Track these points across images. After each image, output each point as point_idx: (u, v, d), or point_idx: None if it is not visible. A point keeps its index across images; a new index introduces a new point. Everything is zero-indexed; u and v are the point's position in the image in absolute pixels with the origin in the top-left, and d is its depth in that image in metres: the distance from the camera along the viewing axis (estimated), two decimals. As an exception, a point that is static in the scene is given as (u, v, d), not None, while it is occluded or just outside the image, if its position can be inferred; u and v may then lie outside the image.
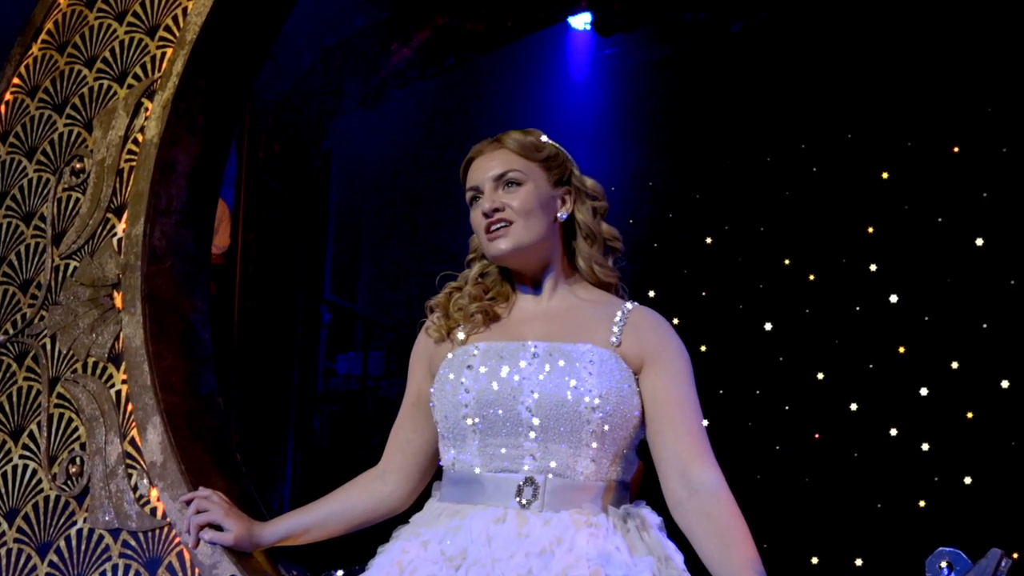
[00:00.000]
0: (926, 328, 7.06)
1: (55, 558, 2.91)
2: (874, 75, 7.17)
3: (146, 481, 2.85)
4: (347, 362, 8.34)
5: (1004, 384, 6.72)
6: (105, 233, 3.20)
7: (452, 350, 2.47)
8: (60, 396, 3.09)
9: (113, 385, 3.01)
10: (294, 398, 7.22)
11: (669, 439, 2.36)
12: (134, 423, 2.92)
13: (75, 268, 3.22)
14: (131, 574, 2.81)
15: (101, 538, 2.86)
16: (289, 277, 7.23)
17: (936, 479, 6.88)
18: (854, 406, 7.23)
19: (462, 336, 2.49)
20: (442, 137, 7.74)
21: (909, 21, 7.00)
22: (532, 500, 2.29)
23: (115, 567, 2.83)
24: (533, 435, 2.31)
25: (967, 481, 6.77)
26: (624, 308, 2.47)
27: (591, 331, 2.42)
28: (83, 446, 2.99)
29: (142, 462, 2.88)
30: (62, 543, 2.92)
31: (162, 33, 3.36)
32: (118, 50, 3.43)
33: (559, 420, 2.29)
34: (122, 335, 3.04)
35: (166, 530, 2.78)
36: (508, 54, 7.62)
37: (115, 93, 3.38)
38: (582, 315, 2.46)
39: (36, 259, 3.31)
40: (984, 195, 6.94)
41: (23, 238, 3.37)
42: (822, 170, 7.50)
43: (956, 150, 7.08)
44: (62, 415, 3.07)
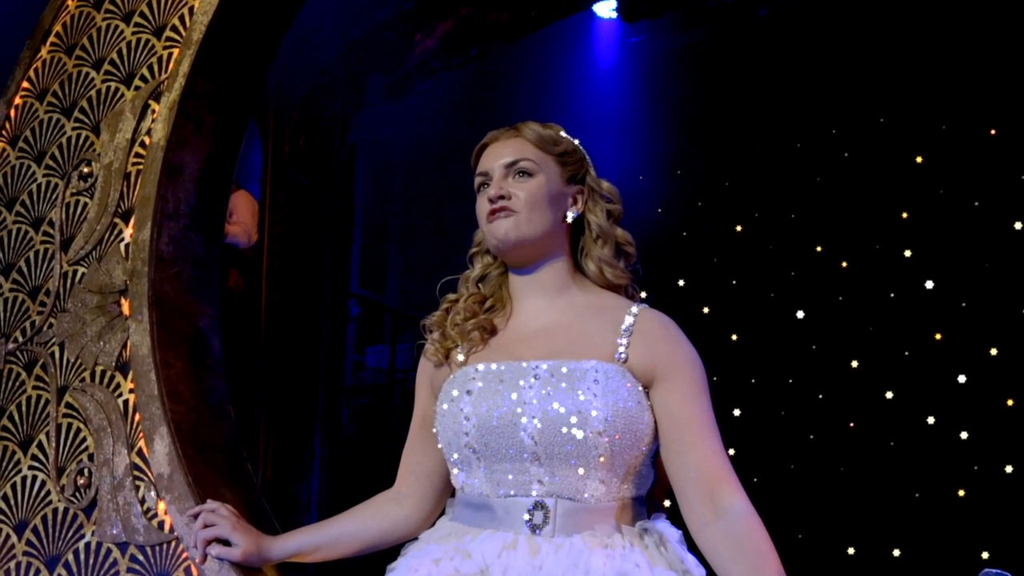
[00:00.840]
0: (963, 314, 6.93)
1: (63, 572, 2.87)
2: (906, 57, 7.04)
3: (153, 494, 2.80)
4: (376, 355, 8.31)
5: (1045, 371, 6.60)
6: (112, 238, 3.16)
7: (452, 372, 2.39)
8: (68, 405, 3.05)
9: (121, 394, 2.97)
10: (321, 391, 7.22)
11: (691, 460, 2.26)
12: (141, 433, 2.87)
13: (83, 274, 3.18)
14: (139, 588, 2.77)
15: (109, 552, 2.82)
16: (316, 271, 7.23)
17: (975, 468, 6.75)
18: (889, 394, 7.11)
19: (461, 357, 2.41)
20: (467, 128, 7.56)
21: (942, 1, 6.87)
22: (543, 524, 2.21)
23: (123, 581, 2.79)
24: (538, 461, 2.22)
25: (1008, 470, 6.64)
26: (631, 312, 2.35)
27: (596, 344, 2.31)
28: (91, 457, 2.95)
29: (149, 474, 2.83)
30: (70, 557, 2.88)
31: (169, 33, 3.31)
32: (125, 51, 3.39)
33: (562, 446, 2.21)
34: (129, 343, 2.99)
35: (174, 544, 2.73)
36: (533, 43, 7.52)
37: (122, 95, 3.34)
38: (586, 324, 2.36)
39: (45, 265, 3.28)
40: (1022, 178, 6.80)
41: (32, 244, 3.33)
42: (854, 155, 7.37)
43: (993, 132, 6.94)
44: (70, 425, 3.02)
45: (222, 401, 3.04)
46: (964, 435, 6.84)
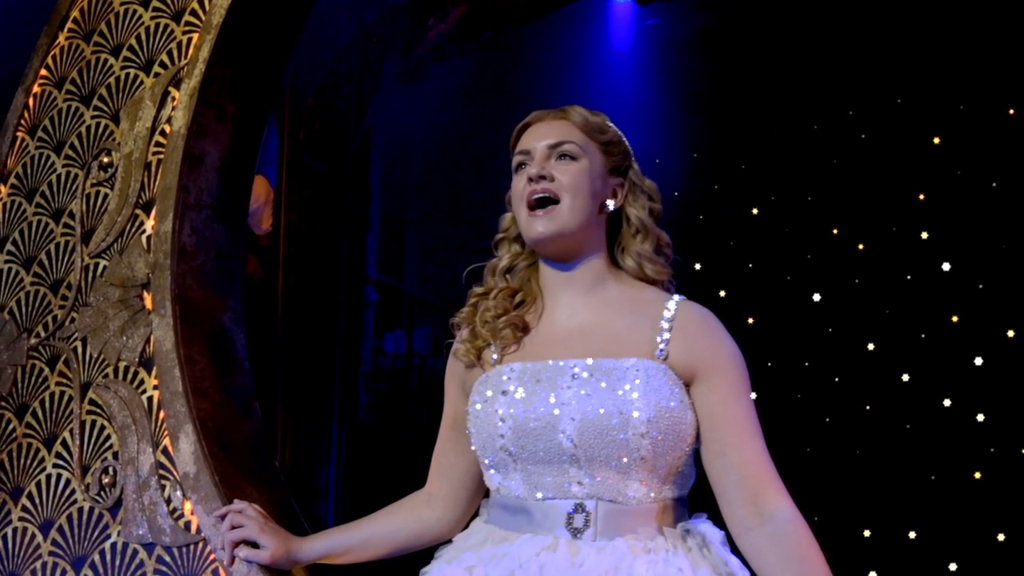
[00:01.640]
0: (980, 296, 6.89)
1: (90, 573, 2.83)
2: (923, 38, 6.97)
3: (179, 493, 2.75)
4: (394, 340, 8.27)
5: (1062, 353, 6.57)
6: (134, 230, 3.10)
7: (485, 371, 2.32)
8: (92, 402, 2.99)
9: (144, 391, 2.91)
10: (338, 377, 7.18)
11: (734, 462, 2.20)
12: (166, 431, 2.82)
13: (105, 267, 3.12)
14: (167, 589, 2.73)
15: (135, 553, 2.77)
16: (333, 256, 7.19)
17: (992, 450, 6.73)
18: (906, 377, 7.08)
19: (495, 356, 2.33)
20: (482, 112, 7.61)
21: (959, -20, 6.81)
22: (584, 527, 2.15)
23: (151, 583, 2.75)
24: (577, 463, 2.16)
25: (1024, 452, 6.63)
26: (669, 307, 2.28)
27: (635, 340, 2.24)
28: (115, 455, 2.90)
29: (175, 473, 2.78)
30: (96, 557, 2.83)
31: (188, 17, 3.23)
32: (144, 37, 3.31)
33: (603, 448, 2.14)
34: (152, 338, 2.94)
35: (201, 545, 2.68)
36: (547, 26, 7.46)
37: (141, 82, 3.27)
38: (623, 320, 2.28)
39: (66, 258, 3.22)
40: (1040, 158, 6.75)
41: (53, 236, 3.27)
42: (871, 137, 7.31)
43: (1011, 112, 6.88)
44: (94, 422, 2.97)
45: (247, 398, 2.98)
46: (980, 417, 6.82)
